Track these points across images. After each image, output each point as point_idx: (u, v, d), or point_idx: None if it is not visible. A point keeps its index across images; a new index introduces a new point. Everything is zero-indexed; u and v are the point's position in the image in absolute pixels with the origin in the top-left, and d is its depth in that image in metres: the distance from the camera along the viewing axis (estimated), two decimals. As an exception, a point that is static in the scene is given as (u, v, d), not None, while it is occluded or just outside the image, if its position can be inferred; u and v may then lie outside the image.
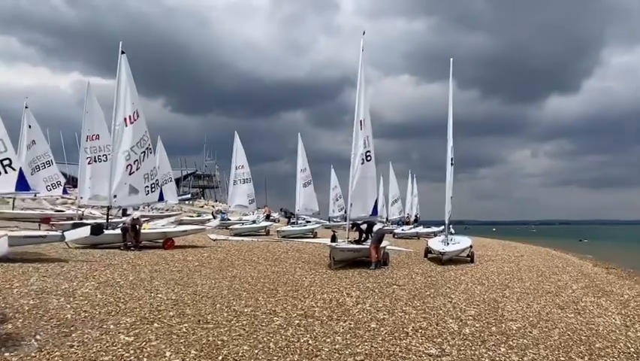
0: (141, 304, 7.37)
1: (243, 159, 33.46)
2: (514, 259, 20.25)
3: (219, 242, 19.78)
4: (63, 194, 29.00)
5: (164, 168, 37.32)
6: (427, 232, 36.34)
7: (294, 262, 14.04)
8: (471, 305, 8.96)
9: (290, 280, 10.65)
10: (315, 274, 11.66)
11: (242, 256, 14.90)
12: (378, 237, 13.92)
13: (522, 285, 12.21)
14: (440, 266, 15.31)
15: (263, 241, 21.53)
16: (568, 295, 11.14)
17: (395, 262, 15.75)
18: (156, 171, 17.59)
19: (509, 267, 16.63)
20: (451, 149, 17.75)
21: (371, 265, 13.40)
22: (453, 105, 17.90)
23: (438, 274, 13.20)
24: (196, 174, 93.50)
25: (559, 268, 17.71)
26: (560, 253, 28.37)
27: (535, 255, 23.62)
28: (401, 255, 18.78)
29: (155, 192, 17.60)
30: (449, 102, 17.78)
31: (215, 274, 10.98)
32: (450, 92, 17.81)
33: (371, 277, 11.85)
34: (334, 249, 12.88)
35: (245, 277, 10.76)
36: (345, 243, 13.91)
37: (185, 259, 13.55)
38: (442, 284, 11.35)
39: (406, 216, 44.48)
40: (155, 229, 16.52)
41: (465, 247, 17.50)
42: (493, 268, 15.78)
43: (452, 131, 18.05)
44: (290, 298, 8.52)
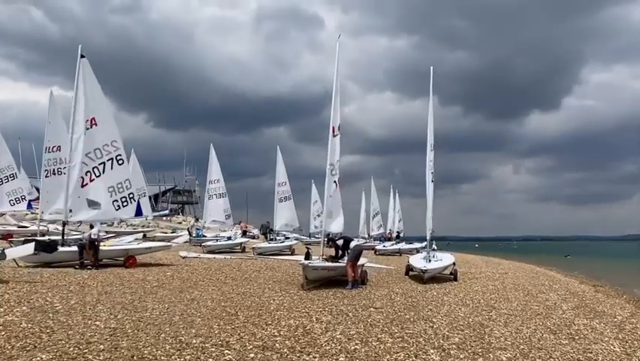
0: (70, 336, 6.28)
1: (218, 173, 32.40)
2: (499, 276, 19.42)
3: (189, 260, 18.62)
4: (27, 209, 27.57)
5: (138, 183, 35.84)
6: (410, 248, 35.42)
7: (265, 282, 12.99)
8: (455, 331, 8.01)
9: (255, 303, 9.59)
10: (284, 296, 10.62)
11: (209, 276, 13.80)
12: (356, 254, 12.95)
13: (509, 305, 11.32)
14: (422, 285, 14.37)
15: (236, 259, 20.41)
16: (558, 316, 10.26)
17: (374, 281, 14.78)
18: (129, 184, 16.36)
19: (494, 285, 15.76)
20: (430, 162, 16.91)
21: (347, 285, 12.41)
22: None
23: (419, 294, 12.25)
24: (175, 190, 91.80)
25: (545, 286, 16.90)
26: (545, 269, 27.66)
27: (520, 272, 22.83)
28: (381, 273, 17.82)
29: (128, 207, 16.29)
30: (429, 111, 17.04)
31: (173, 297, 9.89)
32: (430, 102, 17.11)
33: (346, 298, 10.85)
34: (307, 267, 11.86)
35: (205, 299, 9.68)
36: (320, 260, 12.90)
37: (144, 278, 12.41)
38: (423, 306, 10.40)
39: (387, 232, 43.60)
40: (116, 246, 15.32)
41: (448, 264, 16.61)
42: (478, 287, 14.90)
43: (434, 147, 17.29)
44: (250, 325, 7.48)
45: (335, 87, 13.60)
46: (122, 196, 16.01)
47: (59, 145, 20.05)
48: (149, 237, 31.01)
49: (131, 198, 16.19)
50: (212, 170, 32.44)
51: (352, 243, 13.21)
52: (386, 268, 20.10)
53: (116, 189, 15.85)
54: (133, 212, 16.30)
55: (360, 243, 13.66)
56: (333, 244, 13.19)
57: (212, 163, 32.59)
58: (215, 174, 32.36)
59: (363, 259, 14.70)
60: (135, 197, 16.32)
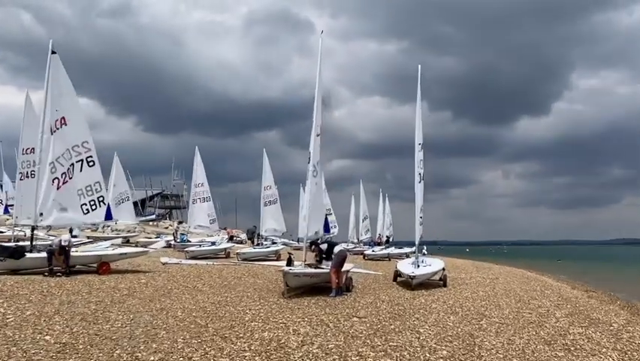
0: (11, 353, 5.61)
1: (202, 176, 31.72)
2: (490, 282, 18.89)
3: (169, 266, 17.93)
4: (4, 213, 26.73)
5: (121, 187, 35.16)
6: (400, 253, 34.88)
7: (244, 290, 12.34)
8: (442, 342, 7.42)
9: (229, 313, 8.94)
10: (263, 305, 9.98)
11: (186, 283, 13.13)
12: (340, 259, 12.33)
13: (500, 313, 10.75)
14: (410, 291, 13.79)
15: (219, 265, 19.74)
16: (552, 325, 9.70)
17: (360, 288, 14.18)
18: (99, 187, 15.62)
19: (485, 291, 15.21)
20: (420, 161, 16.36)
21: (331, 293, 11.79)
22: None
23: (406, 302, 11.66)
24: (163, 195, 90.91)
25: (537, 291, 16.38)
26: (536, 274, 27.20)
27: (511, 277, 22.34)
28: (368, 279, 17.23)
29: (97, 211, 15.54)
30: (417, 108, 16.49)
31: (141, 306, 9.22)
32: (418, 100, 16.56)
33: (329, 306, 10.22)
34: (288, 274, 11.21)
35: (175, 309, 9.01)
36: (302, 266, 12.27)
37: (115, 286, 11.72)
38: (410, 314, 9.80)
39: (377, 237, 43.01)
40: (88, 252, 14.57)
41: (437, 269, 16.05)
42: (468, 293, 14.34)
43: (423, 148, 16.75)
44: (219, 338, 6.83)
45: (318, 85, 13.01)
46: (92, 200, 15.25)
47: (33, 147, 19.30)
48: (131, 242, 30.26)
49: (100, 201, 15.44)
50: (197, 174, 31.77)
51: (337, 248, 12.60)
52: (374, 274, 19.53)
53: (85, 192, 15.09)
54: (102, 216, 15.55)
55: (345, 248, 13.01)
56: (316, 249, 12.57)
57: (198, 167, 31.91)
58: (200, 177, 31.70)
59: (349, 265, 14.11)
60: (105, 200, 15.56)
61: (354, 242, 44.55)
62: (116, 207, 35.33)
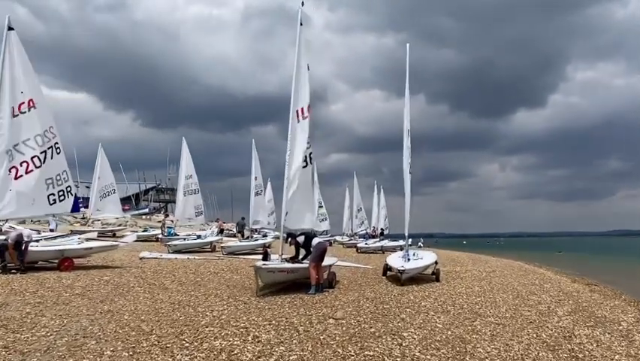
0: None
1: (191, 168, 30.67)
2: (486, 275, 17.83)
3: (146, 261, 16.82)
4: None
5: (106, 180, 34.06)
6: (394, 246, 33.86)
7: (216, 287, 11.23)
8: (428, 350, 6.34)
9: (185, 315, 7.82)
10: (229, 305, 8.86)
11: (154, 280, 12.02)
12: (319, 253, 11.21)
13: (496, 311, 9.68)
14: (399, 287, 12.73)
15: (201, 259, 18.64)
16: (555, 325, 8.64)
17: (345, 283, 13.11)
18: (67, 176, 14.42)
19: (480, 286, 14.15)
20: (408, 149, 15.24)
21: (310, 289, 10.70)
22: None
23: (393, 299, 10.57)
24: (158, 188, 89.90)
25: (536, 285, 15.31)
26: (534, 267, 26.13)
27: (508, 270, 21.27)
28: (356, 273, 16.16)
29: (65, 201, 14.38)
30: (406, 94, 15.40)
31: (86, 308, 8.09)
32: (407, 83, 15.46)
33: (304, 306, 9.12)
34: (260, 270, 10.07)
35: (123, 312, 7.88)
36: (278, 261, 11.16)
37: (71, 284, 10.59)
38: (395, 315, 8.71)
39: (371, 229, 41.99)
40: (49, 247, 13.41)
41: (429, 263, 14.96)
42: (462, 288, 13.27)
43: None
44: (159, 348, 5.72)
45: (297, 62, 11.79)
46: (60, 190, 14.09)
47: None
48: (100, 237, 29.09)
49: (68, 191, 14.27)
50: (184, 165, 30.71)
51: (315, 240, 11.45)
52: (363, 268, 18.48)
53: (55, 182, 13.91)
54: (69, 207, 14.39)
55: (324, 240, 11.85)
56: (293, 241, 11.45)
57: (185, 158, 30.82)
58: (189, 169, 30.66)
59: (332, 259, 13.06)
60: (73, 190, 14.39)
61: (349, 235, 43.60)
62: (101, 200, 34.29)
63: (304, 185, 12.26)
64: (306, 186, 12.34)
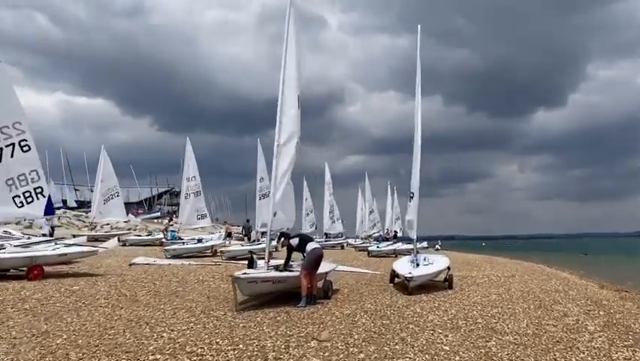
0: None
1: (195, 170, 29.48)
2: (504, 280, 16.31)
3: (135, 267, 15.63)
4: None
5: (110, 183, 33.13)
6: (408, 249, 32.30)
7: (195, 298, 9.95)
8: (429, 385, 4.96)
9: (136, 336, 6.54)
10: (197, 323, 7.56)
11: (127, 290, 10.76)
12: (313, 259, 9.87)
13: (516, 327, 8.26)
14: (406, 296, 11.35)
15: (197, 265, 17.42)
16: (587, 345, 7.20)
17: (345, 292, 11.75)
18: (36, 176, 13.22)
19: (498, 293, 12.70)
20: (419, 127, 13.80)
21: (300, 301, 9.36)
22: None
23: (396, 312, 9.20)
24: (172, 192, 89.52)
25: (560, 292, 13.79)
26: (557, 270, 24.44)
27: (529, 274, 19.68)
28: (361, 280, 14.78)
29: (34, 204, 13.09)
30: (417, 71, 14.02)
31: (19, 328, 6.86)
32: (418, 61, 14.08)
33: (288, 323, 7.79)
34: (239, 280, 8.72)
35: (62, 333, 6.61)
36: (264, 269, 9.83)
37: (28, 296, 9.35)
38: (394, 333, 7.34)
39: (384, 232, 40.52)
40: (17, 253, 12.23)
41: (440, 268, 13.51)
42: (477, 297, 11.84)
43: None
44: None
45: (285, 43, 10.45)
46: (26, 190, 12.83)
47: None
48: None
49: (38, 193, 13.01)
50: (189, 167, 29.58)
51: (310, 245, 10.09)
52: (371, 274, 17.06)
53: (18, 182, 12.70)
54: (41, 210, 13.14)
55: (319, 245, 10.43)
56: (286, 242, 10.08)
57: (189, 159, 29.71)
58: (192, 170, 29.52)
59: (329, 265, 11.73)
60: (45, 192, 13.17)
61: (363, 237, 42.22)
62: (105, 203, 33.36)
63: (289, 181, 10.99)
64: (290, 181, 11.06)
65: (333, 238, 42.40)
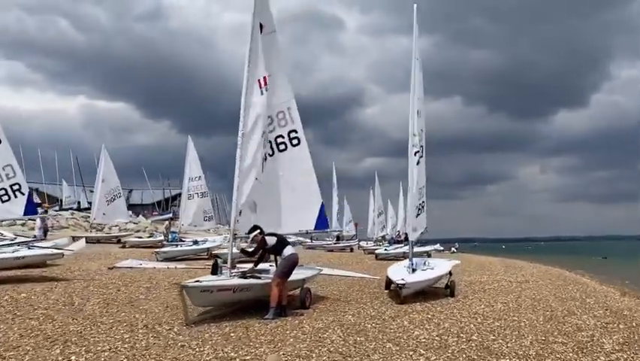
0: None
1: (198, 169, 28.42)
2: (516, 286, 14.91)
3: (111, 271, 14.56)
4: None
5: (111, 183, 32.34)
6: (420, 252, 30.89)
7: (148, 309, 8.72)
8: None
9: (38, 357, 5.40)
10: (128, 341, 6.34)
11: (79, 297, 9.63)
12: (288, 266, 8.63)
13: (517, 345, 6.94)
14: (396, 306, 10.08)
15: (183, 269, 16.33)
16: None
17: (329, 301, 10.52)
18: (12, 172, 12.24)
19: (505, 302, 11.34)
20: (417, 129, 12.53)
21: (267, 313, 8.13)
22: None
23: (378, 326, 7.93)
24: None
25: (576, 300, 12.36)
26: (575, 275, 22.80)
27: (544, 278, 18.20)
28: (355, 286, 13.52)
29: (11, 203, 12.18)
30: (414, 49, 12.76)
31: None
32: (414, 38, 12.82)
33: (240, 340, 6.55)
34: (189, 290, 7.48)
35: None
36: (226, 275, 8.60)
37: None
38: (363, 355, 6.08)
39: (395, 234, 39.10)
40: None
41: (440, 273, 12.17)
42: (480, 307, 10.50)
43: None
44: None
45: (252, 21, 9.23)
46: (1, 188, 11.88)
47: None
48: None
49: (15, 190, 12.05)
50: (191, 166, 28.55)
51: (287, 249, 8.83)
52: (369, 279, 15.77)
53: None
54: (21, 209, 12.17)
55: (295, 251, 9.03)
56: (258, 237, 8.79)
57: (192, 159, 28.69)
58: (196, 171, 28.48)
59: (309, 270, 10.51)
60: (23, 189, 12.18)
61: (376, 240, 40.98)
62: (108, 204, 32.57)
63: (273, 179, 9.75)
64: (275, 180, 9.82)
65: (345, 240, 41.20)
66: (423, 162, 13.52)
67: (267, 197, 9.69)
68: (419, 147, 13.00)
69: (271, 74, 9.50)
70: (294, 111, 10.15)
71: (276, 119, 9.86)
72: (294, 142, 10.16)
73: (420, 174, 13.46)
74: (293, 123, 10.13)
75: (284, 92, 10.08)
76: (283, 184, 10.04)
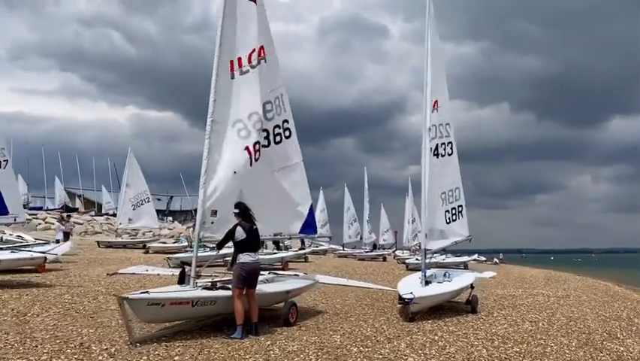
0: None
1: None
2: (553, 302, 13.20)
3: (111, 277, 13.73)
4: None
5: (138, 188, 31.88)
6: (457, 262, 28.99)
7: (106, 323, 7.60)
8: None
9: None
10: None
11: (40, 307, 8.69)
12: (244, 274, 7.22)
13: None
14: (404, 323, 8.70)
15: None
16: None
17: (326, 316, 9.23)
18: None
19: (534, 321, 9.77)
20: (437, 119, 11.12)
21: (234, 331, 6.90)
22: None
23: (366, 351, 6.62)
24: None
25: (621, 320, 10.62)
26: (625, 289, 20.57)
27: (589, 294, 16.27)
28: (368, 297, 12.17)
29: None
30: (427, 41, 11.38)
31: None
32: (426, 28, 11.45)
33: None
34: (133, 303, 6.22)
35: None
36: (189, 286, 7.41)
37: None
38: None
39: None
40: None
41: (459, 287, 10.66)
42: (502, 327, 9.00)
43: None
44: None
45: None
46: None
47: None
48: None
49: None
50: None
51: (244, 256, 7.38)
52: (387, 290, 14.33)
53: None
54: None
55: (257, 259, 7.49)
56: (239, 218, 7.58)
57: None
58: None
59: (296, 282, 9.23)
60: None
61: (413, 249, 39.35)
62: (135, 209, 32.15)
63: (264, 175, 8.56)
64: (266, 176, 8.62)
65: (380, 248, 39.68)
66: (454, 159, 12.07)
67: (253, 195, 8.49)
68: (445, 142, 11.61)
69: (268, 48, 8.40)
70: (286, 98, 9.00)
71: (274, 105, 8.69)
72: (287, 133, 8.98)
73: (451, 173, 12.04)
74: (285, 112, 8.96)
75: (279, 74, 8.95)
76: (272, 181, 8.82)
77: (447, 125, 11.77)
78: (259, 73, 8.31)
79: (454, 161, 12.14)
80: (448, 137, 11.77)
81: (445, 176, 11.83)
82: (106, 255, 23.90)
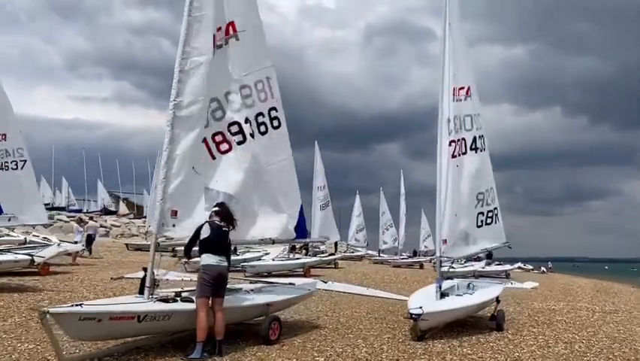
0: None
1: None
2: (598, 318, 11.62)
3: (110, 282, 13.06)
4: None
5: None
6: (498, 271, 27.19)
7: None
8: None
9: None
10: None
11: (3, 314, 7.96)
12: (210, 282, 6.23)
13: None
14: (409, 344, 7.47)
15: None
16: None
17: (323, 330, 8.11)
18: None
19: (570, 341, 8.35)
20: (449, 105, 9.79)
21: (192, 350, 5.87)
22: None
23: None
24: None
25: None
26: (686, 304, 18.40)
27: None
28: (383, 309, 10.98)
29: None
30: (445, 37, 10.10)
31: None
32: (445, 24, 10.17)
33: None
34: (63, 317, 5.15)
35: None
36: (146, 296, 6.43)
37: None
38: None
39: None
40: None
41: (481, 300, 9.28)
42: (529, 349, 7.64)
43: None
44: None
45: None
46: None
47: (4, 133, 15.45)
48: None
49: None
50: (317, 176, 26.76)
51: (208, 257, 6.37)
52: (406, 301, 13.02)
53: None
54: None
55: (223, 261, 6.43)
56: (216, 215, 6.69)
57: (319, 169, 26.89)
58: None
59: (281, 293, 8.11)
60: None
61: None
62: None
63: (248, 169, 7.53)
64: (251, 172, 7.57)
65: (422, 255, 38.30)
66: (486, 157, 10.68)
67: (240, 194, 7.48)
68: (483, 135, 10.31)
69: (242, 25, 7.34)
70: (275, 83, 7.89)
71: (254, 91, 7.62)
72: (275, 123, 7.87)
73: (488, 171, 10.68)
74: (273, 99, 7.85)
75: (262, 54, 7.86)
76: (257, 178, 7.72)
77: (478, 115, 10.47)
78: (226, 53, 7.26)
79: (488, 157, 10.81)
80: (480, 129, 10.46)
81: (484, 174, 10.51)
82: (131, 258, 23.53)
